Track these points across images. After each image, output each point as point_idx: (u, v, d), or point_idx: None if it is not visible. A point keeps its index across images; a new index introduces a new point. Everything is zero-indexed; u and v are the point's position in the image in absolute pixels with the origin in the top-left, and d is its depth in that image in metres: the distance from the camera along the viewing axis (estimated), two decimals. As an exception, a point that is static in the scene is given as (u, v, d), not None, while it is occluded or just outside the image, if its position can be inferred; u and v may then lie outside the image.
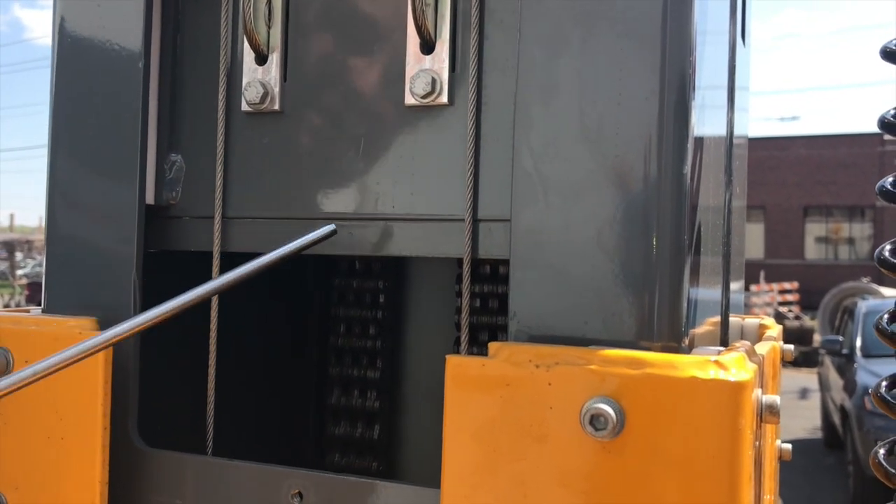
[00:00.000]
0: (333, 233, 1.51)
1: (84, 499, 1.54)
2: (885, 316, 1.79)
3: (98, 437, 1.55)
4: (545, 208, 1.35)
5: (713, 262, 1.61)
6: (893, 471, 1.59)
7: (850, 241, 40.31)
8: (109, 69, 1.66)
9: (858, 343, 11.31)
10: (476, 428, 1.27)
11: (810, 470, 11.70)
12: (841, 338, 12.48)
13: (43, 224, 1.90)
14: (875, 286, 21.35)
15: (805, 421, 14.56)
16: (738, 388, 1.15)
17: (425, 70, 1.48)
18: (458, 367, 1.30)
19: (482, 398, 1.27)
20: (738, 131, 1.92)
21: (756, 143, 39.52)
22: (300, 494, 1.48)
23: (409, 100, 1.50)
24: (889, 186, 1.75)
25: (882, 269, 1.70)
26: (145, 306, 1.63)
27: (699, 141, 1.39)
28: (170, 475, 1.58)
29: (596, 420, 1.17)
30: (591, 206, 1.32)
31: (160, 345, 1.72)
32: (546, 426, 1.22)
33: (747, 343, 1.58)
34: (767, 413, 1.29)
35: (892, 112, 1.85)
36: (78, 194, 1.68)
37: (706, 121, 1.46)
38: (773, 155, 40.16)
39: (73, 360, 1.37)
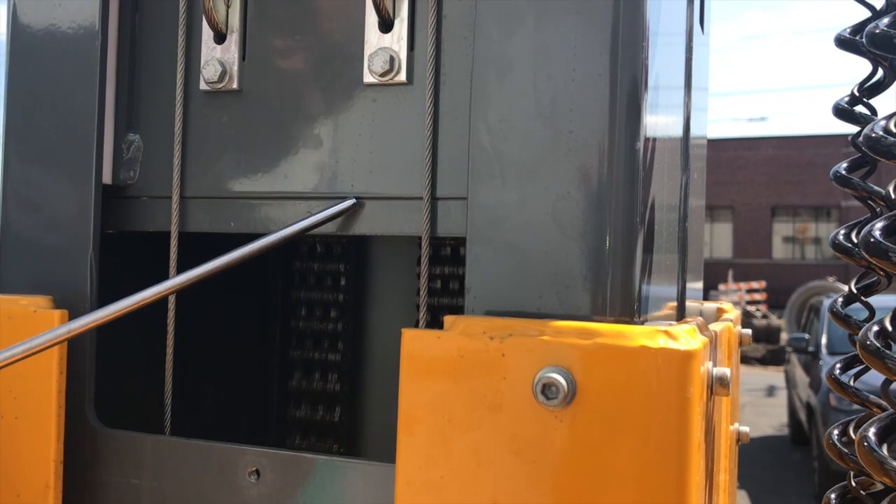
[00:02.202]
0: (354, 207, 1.51)
1: (39, 478, 1.53)
2: (840, 299, 1.83)
3: (53, 416, 1.53)
4: (501, 184, 1.36)
5: (668, 243, 1.63)
6: (846, 451, 1.62)
7: (817, 240, 40.83)
8: (66, 48, 1.65)
9: (824, 340, 11.45)
10: (431, 399, 1.27)
11: (777, 466, 11.84)
12: (807, 336, 12.63)
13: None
14: (840, 285, 21.62)
15: (772, 418, 14.72)
16: (686, 357, 1.17)
17: (384, 48, 1.49)
18: (414, 339, 1.30)
19: (437, 370, 1.28)
20: (696, 129, 1.94)
21: (725, 144, 39.94)
22: (257, 472, 1.48)
23: (368, 78, 1.50)
24: (843, 171, 1.78)
25: (836, 253, 1.73)
26: (102, 286, 1.62)
27: (654, 116, 1.41)
28: (126, 455, 1.57)
29: (548, 389, 1.19)
30: (546, 181, 1.34)
31: (118, 326, 1.71)
32: (499, 396, 1.23)
33: (700, 319, 1.60)
34: (718, 385, 1.31)
35: (846, 99, 1.88)
36: (34, 174, 1.67)
37: (660, 97, 1.48)
38: (741, 155, 40.60)
39: (36, 351, 1.37)
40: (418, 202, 1.47)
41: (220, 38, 1.61)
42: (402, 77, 1.49)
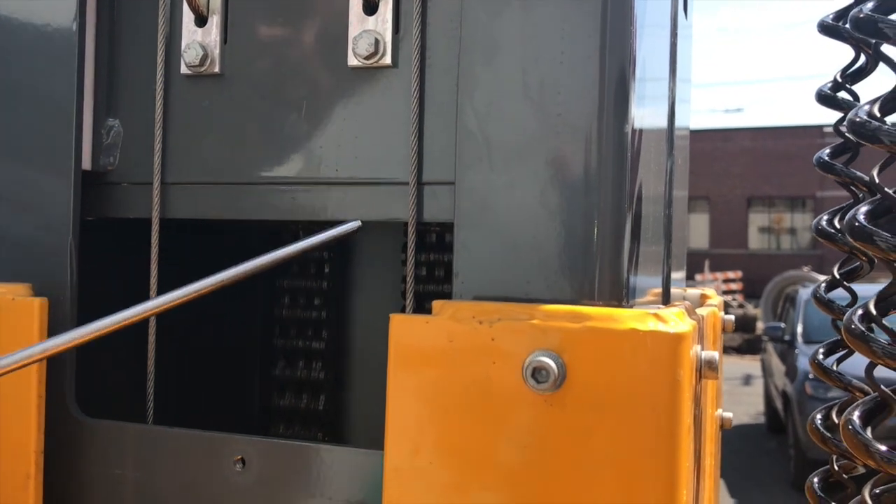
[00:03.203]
0: (359, 228, 1.49)
1: (20, 469, 1.50)
2: (823, 285, 1.83)
3: (33, 406, 1.51)
4: (489, 169, 1.35)
5: (654, 228, 1.63)
6: (829, 435, 1.63)
7: (792, 231, 41.19)
8: (43, 31, 1.61)
9: (800, 329, 11.57)
10: (420, 385, 1.26)
11: (753, 454, 11.95)
12: (783, 325, 12.75)
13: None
14: (815, 274, 21.86)
15: (749, 407, 14.85)
16: (676, 340, 1.16)
17: (368, 31, 1.47)
18: (402, 325, 1.29)
19: (426, 355, 1.27)
20: (679, 120, 1.94)
21: (701, 135, 40.12)
22: (243, 461, 1.47)
23: (353, 61, 1.48)
24: (826, 157, 1.79)
25: (819, 239, 1.74)
26: (82, 273, 1.59)
27: (641, 100, 1.40)
28: (109, 445, 1.55)
29: (538, 373, 1.18)
30: (534, 165, 1.33)
31: (99, 315, 1.68)
32: (489, 381, 1.22)
33: (688, 302, 1.60)
34: (706, 368, 1.31)
35: (829, 85, 1.89)
36: (12, 160, 1.64)
37: (647, 81, 1.48)
38: (717, 146, 40.83)
39: (13, 369, 1.34)
40: (404, 187, 1.45)
41: (201, 20, 1.58)
42: (388, 60, 1.47)
